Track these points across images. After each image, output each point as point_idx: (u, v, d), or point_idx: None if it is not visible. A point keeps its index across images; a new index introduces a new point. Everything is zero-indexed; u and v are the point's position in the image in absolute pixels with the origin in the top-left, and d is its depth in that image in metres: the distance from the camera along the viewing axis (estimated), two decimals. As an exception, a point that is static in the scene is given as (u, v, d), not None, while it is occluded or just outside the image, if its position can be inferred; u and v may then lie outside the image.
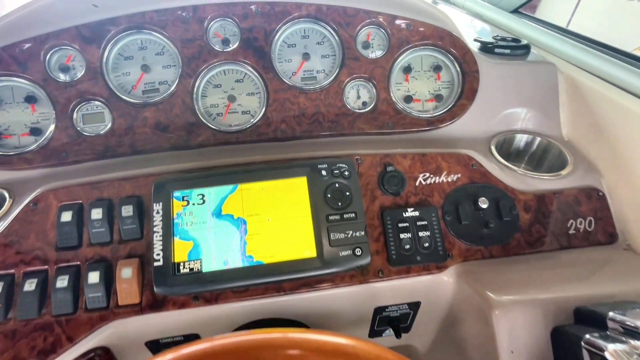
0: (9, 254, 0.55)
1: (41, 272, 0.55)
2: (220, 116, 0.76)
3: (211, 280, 0.52)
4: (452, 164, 0.64)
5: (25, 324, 0.53)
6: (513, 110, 0.77)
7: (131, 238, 0.57)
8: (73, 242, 0.56)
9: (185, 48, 0.74)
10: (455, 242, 0.60)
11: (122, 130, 0.72)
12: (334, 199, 0.56)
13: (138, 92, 0.74)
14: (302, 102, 0.76)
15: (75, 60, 0.72)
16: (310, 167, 0.57)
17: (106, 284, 0.54)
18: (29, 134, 0.71)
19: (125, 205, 0.57)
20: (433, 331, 0.70)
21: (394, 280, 0.58)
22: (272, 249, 0.54)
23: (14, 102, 0.71)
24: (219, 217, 0.55)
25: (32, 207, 0.57)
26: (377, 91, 0.77)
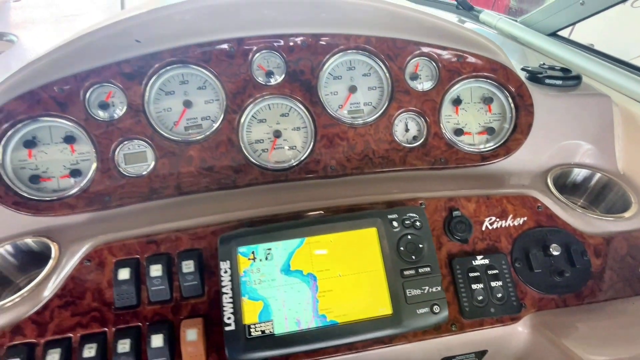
0: (64, 317, 0.52)
1: (100, 334, 0.51)
2: (265, 152, 0.74)
3: (285, 344, 0.49)
4: (518, 207, 0.62)
5: (84, 394, 0.49)
6: (567, 143, 0.75)
7: (192, 295, 0.54)
8: (132, 302, 0.53)
9: (229, 82, 0.71)
10: (527, 291, 0.58)
11: (166, 170, 0.69)
12: (407, 252, 0.53)
13: (180, 128, 0.71)
14: (351, 137, 0.74)
15: (115, 97, 0.69)
16: (380, 217, 0.55)
17: (170, 347, 0.51)
18: (68, 176, 0.67)
19: (185, 261, 0.54)
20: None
21: (467, 332, 0.56)
22: (346, 306, 0.51)
23: (52, 143, 0.67)
24: (288, 273, 0.52)
25: (86, 264, 0.54)
26: (427, 125, 0.74)
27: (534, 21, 1.00)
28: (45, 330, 0.51)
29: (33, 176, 0.66)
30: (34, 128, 0.66)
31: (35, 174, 0.66)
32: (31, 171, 0.66)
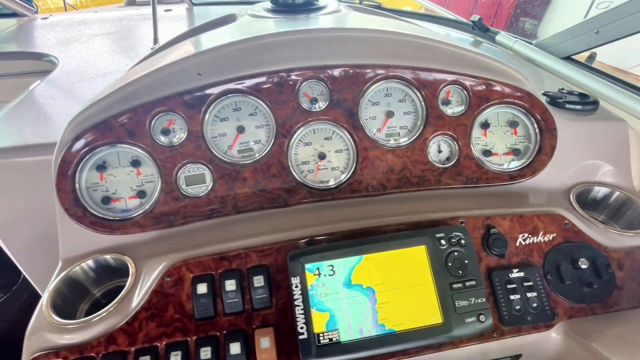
0: (151, 327, 0.58)
1: (183, 343, 0.58)
2: (311, 173, 0.80)
3: (350, 350, 0.56)
4: (547, 224, 0.69)
5: (171, 399, 0.56)
6: (587, 163, 0.82)
7: (262, 307, 0.60)
8: (210, 313, 0.59)
9: (278, 109, 0.78)
10: (559, 301, 0.65)
11: (223, 191, 0.75)
12: (454, 267, 0.60)
13: (234, 152, 0.78)
14: (390, 158, 0.80)
15: (175, 124, 0.75)
16: (429, 236, 0.61)
17: (246, 354, 0.57)
18: (135, 197, 0.74)
19: (256, 276, 0.60)
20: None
21: (507, 338, 0.62)
22: (401, 316, 0.58)
23: (120, 167, 0.74)
24: (350, 287, 0.59)
25: (166, 280, 0.61)
26: (459, 147, 0.81)
27: (548, 45, 1.07)
28: (135, 339, 0.57)
29: (105, 197, 0.72)
30: (105, 154, 0.72)
31: (107, 195, 0.73)
32: (102, 193, 0.73)
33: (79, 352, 0.56)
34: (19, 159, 0.81)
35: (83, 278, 0.68)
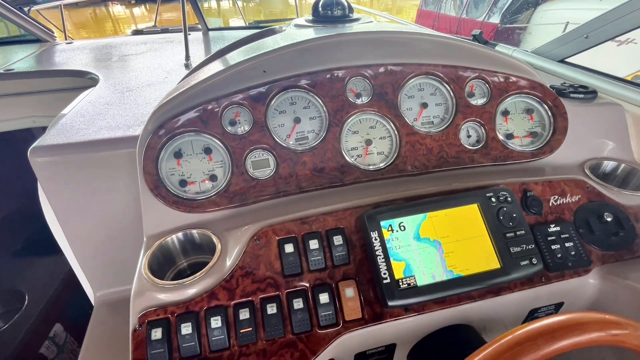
0: (246, 284, 0.65)
1: (276, 297, 0.65)
2: (360, 157, 0.91)
3: (426, 292, 0.64)
4: (573, 188, 0.81)
5: (272, 343, 0.62)
6: (594, 142, 0.97)
7: (342, 263, 0.69)
8: (297, 270, 0.67)
9: (330, 102, 0.89)
10: (591, 250, 0.76)
11: (286, 173, 0.85)
12: (505, 220, 0.71)
13: (292, 140, 0.88)
14: (428, 142, 0.92)
15: (241, 116, 0.86)
16: (480, 195, 0.72)
17: (334, 303, 0.65)
18: (208, 180, 0.82)
19: (335, 236, 0.69)
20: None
21: (553, 283, 0.72)
22: (466, 263, 0.67)
23: (194, 154, 0.83)
24: (419, 240, 0.68)
25: (256, 242, 0.68)
26: (486, 131, 0.94)
27: (544, 51, 1.25)
28: (234, 294, 0.64)
29: (182, 180, 0.80)
30: (181, 142, 0.81)
31: (183, 179, 0.81)
32: (179, 177, 0.81)
33: (185, 307, 0.62)
34: (91, 153, 0.89)
35: (172, 249, 0.74)
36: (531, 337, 0.44)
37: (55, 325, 2.39)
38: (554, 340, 0.43)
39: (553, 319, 0.45)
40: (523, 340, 0.44)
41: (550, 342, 0.43)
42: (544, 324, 0.45)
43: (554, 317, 0.45)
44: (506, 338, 0.45)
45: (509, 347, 0.44)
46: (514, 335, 0.45)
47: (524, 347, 0.43)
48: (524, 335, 0.44)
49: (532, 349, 0.43)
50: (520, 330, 0.44)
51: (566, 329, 0.44)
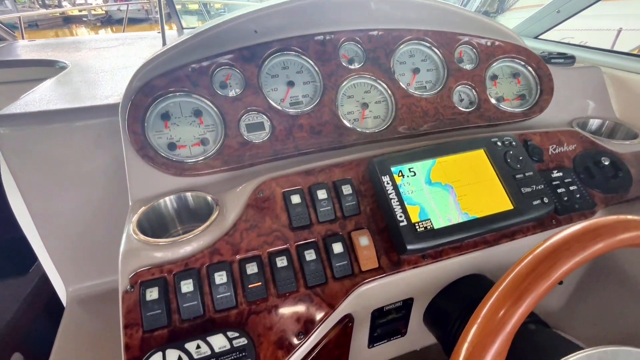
0: (252, 237, 0.59)
1: (285, 250, 0.59)
2: (357, 121, 0.89)
3: (444, 234, 0.61)
4: (568, 137, 0.83)
5: (284, 298, 0.56)
6: (578, 102, 1.00)
7: (353, 214, 0.64)
8: (306, 221, 0.62)
9: (323, 66, 0.87)
10: (594, 194, 0.76)
11: (283, 136, 0.81)
12: (513, 162, 0.70)
13: (286, 104, 0.85)
14: (423, 105, 0.92)
15: (231, 79, 0.81)
16: (486, 142, 0.71)
17: (347, 254, 0.60)
18: (199, 144, 0.76)
19: (344, 185, 0.65)
20: (572, 282, 0.82)
21: (563, 226, 0.71)
22: (480, 206, 0.65)
23: (182, 117, 0.77)
24: (431, 184, 0.65)
25: (259, 195, 0.63)
26: (477, 94, 0.96)
27: (520, 29, 1.31)
28: (238, 249, 0.58)
29: (170, 144, 0.74)
30: (168, 104, 0.76)
31: (172, 142, 0.74)
32: (168, 140, 0.75)
33: (183, 265, 0.55)
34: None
35: (165, 213, 0.67)
36: (566, 242, 0.42)
37: (13, 355, 2.14)
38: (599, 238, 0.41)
39: (590, 221, 0.43)
40: (558, 247, 0.42)
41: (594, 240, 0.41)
42: (584, 224, 0.43)
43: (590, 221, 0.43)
44: (541, 247, 0.42)
45: (545, 255, 0.41)
46: (545, 245, 0.42)
47: (559, 253, 0.41)
48: (560, 241, 0.42)
49: (567, 254, 0.41)
50: (553, 239, 0.42)
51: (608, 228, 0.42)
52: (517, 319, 0.38)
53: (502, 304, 0.38)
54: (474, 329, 0.38)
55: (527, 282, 0.39)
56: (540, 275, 0.39)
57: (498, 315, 0.38)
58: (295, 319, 0.55)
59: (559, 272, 0.40)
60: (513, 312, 0.37)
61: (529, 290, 0.38)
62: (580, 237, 0.41)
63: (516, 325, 0.37)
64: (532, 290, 0.39)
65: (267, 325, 0.54)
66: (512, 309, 0.38)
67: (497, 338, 0.37)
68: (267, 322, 0.54)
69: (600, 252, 0.42)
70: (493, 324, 0.37)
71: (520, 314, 0.38)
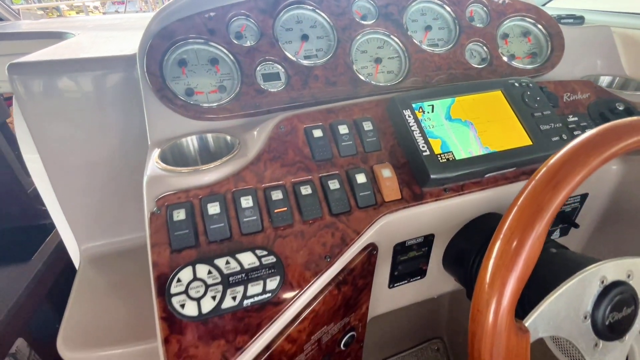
0: (275, 167, 0.59)
1: (308, 180, 0.59)
2: (371, 75, 0.89)
3: (466, 165, 0.62)
4: (582, 87, 0.83)
5: (310, 224, 0.56)
6: (588, 60, 1.01)
7: (374, 150, 0.65)
8: (328, 155, 0.62)
9: (337, 20, 0.88)
10: (609, 137, 0.77)
11: (299, 85, 0.81)
12: (530, 101, 0.70)
13: (301, 57, 0.85)
14: (436, 60, 0.92)
15: (246, 31, 0.82)
16: (503, 83, 0.72)
17: (371, 184, 0.60)
18: (217, 91, 0.76)
19: (365, 122, 0.65)
20: (589, 229, 0.83)
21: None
22: (500, 141, 0.66)
23: (199, 64, 0.77)
24: (451, 120, 0.66)
25: (281, 129, 0.63)
26: (489, 50, 0.96)
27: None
28: (263, 178, 0.58)
29: (188, 89, 0.74)
30: (185, 50, 0.76)
31: (190, 87, 0.74)
32: (185, 86, 0.75)
33: (209, 190, 0.55)
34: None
35: (187, 152, 0.67)
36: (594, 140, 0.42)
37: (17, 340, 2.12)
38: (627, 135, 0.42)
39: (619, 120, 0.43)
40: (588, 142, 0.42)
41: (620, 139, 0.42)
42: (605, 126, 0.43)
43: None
44: (571, 145, 0.43)
45: (578, 148, 0.42)
46: (573, 143, 0.43)
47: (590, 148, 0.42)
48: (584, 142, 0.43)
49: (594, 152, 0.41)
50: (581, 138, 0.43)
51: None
52: (556, 205, 0.38)
53: (541, 191, 0.38)
54: (514, 213, 0.38)
55: (563, 171, 0.39)
56: (575, 165, 0.39)
57: (538, 201, 0.38)
58: (322, 244, 0.55)
59: (594, 164, 0.40)
60: (552, 198, 0.38)
61: (565, 178, 0.39)
62: (618, 129, 0.42)
63: (555, 211, 0.38)
64: (568, 178, 0.39)
65: (294, 248, 0.54)
66: (551, 195, 0.38)
67: (537, 223, 0.37)
68: (294, 245, 0.54)
69: (629, 150, 0.42)
70: (533, 208, 0.37)
71: (559, 201, 0.38)
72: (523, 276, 0.37)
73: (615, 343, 0.49)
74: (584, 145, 0.41)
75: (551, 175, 0.39)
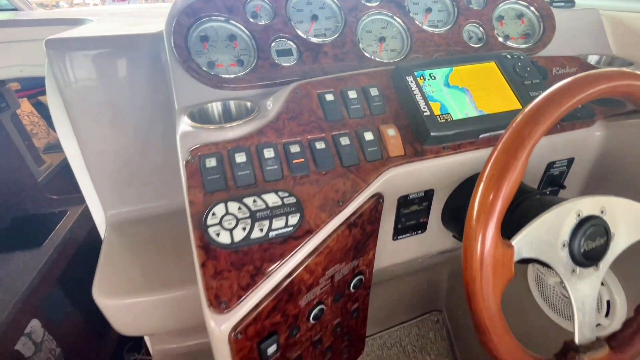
0: (293, 125, 0.67)
1: (322, 137, 0.67)
2: (375, 52, 0.96)
3: (461, 125, 0.69)
4: (570, 62, 0.91)
5: (324, 174, 0.64)
6: (578, 40, 1.08)
7: (380, 113, 0.72)
8: (339, 117, 0.70)
9: (344, 2, 0.95)
10: (593, 107, 0.84)
11: (310, 60, 0.88)
12: (522, 71, 0.78)
13: (311, 35, 0.92)
14: (436, 39, 1.00)
15: (261, 10, 0.89)
16: (496, 55, 0.79)
17: (377, 142, 0.68)
18: (235, 64, 0.84)
19: (371, 88, 0.73)
20: (575, 191, 0.90)
21: (566, 132, 0.79)
22: (492, 105, 0.73)
23: (219, 40, 0.84)
24: (449, 87, 0.73)
25: (297, 94, 0.70)
26: (486, 31, 1.03)
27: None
28: (282, 134, 0.66)
29: (209, 62, 0.82)
30: (206, 27, 0.83)
31: (211, 60, 0.82)
32: (207, 59, 0.82)
33: (236, 143, 0.63)
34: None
35: (212, 116, 0.74)
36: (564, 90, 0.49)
37: (31, 321, 2.20)
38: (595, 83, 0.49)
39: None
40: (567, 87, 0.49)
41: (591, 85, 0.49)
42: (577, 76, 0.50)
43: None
44: (552, 89, 0.50)
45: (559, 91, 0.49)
46: (554, 88, 0.50)
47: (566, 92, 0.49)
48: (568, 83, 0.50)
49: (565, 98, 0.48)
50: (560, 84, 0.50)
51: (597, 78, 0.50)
52: (536, 137, 0.45)
53: (523, 126, 0.46)
54: (501, 145, 0.45)
55: (542, 110, 0.47)
56: (552, 105, 0.47)
57: (521, 134, 0.45)
58: (335, 190, 0.63)
59: (569, 104, 0.47)
60: (532, 131, 0.45)
61: (543, 115, 0.46)
62: (591, 76, 0.49)
63: (535, 142, 0.45)
64: (546, 115, 0.46)
65: (310, 194, 0.61)
66: (531, 129, 0.45)
67: (519, 152, 0.45)
68: (311, 191, 0.62)
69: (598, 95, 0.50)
70: (517, 141, 0.45)
71: (538, 134, 0.46)
72: (508, 196, 0.45)
73: (590, 270, 0.56)
74: (561, 89, 0.49)
75: (532, 113, 0.47)
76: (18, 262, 2.33)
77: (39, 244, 2.47)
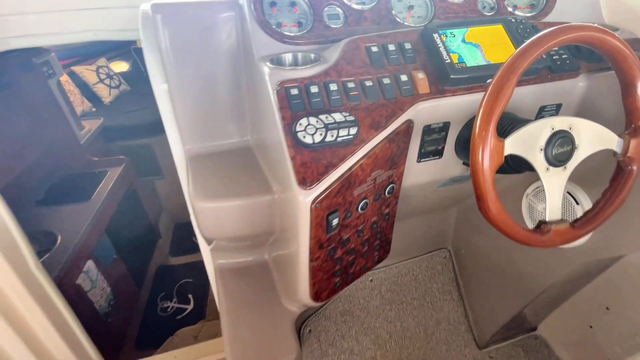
0: (348, 69, 0.91)
1: (369, 78, 0.91)
2: (405, 19, 1.19)
3: (473, 70, 0.93)
4: (564, 26, 1.12)
5: (371, 104, 0.88)
6: (575, 9, 1.29)
7: (411, 62, 0.96)
8: (381, 64, 0.94)
9: (379, -24, 1.16)
10: (580, 62, 1.06)
11: (353, 24, 1.11)
12: (523, 32, 1.00)
13: (354, 3, 1.14)
14: (455, 8, 1.21)
15: (314, -18, 1.11)
16: (503, 19, 1.01)
17: (410, 82, 0.92)
18: (296, 25, 1.07)
19: (406, 43, 0.96)
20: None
21: (555, 81, 1.02)
22: (499, 57, 0.96)
23: (283, 6, 1.07)
24: (465, 43, 0.96)
25: (350, 46, 0.94)
26: (497, 1, 1.24)
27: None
28: (341, 75, 0.90)
29: (277, 23, 1.05)
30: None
31: (278, 22, 1.05)
32: (275, 20, 1.05)
33: (309, 79, 0.87)
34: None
35: (284, 63, 0.98)
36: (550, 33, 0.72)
37: (87, 261, 2.54)
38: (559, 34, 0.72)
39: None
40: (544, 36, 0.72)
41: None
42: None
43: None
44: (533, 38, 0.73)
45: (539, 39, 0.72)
46: (534, 37, 0.72)
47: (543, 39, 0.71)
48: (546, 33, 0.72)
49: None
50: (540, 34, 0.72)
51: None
52: (523, 67, 0.69)
53: (514, 60, 0.69)
54: (497, 74, 0.69)
55: (528, 49, 0.70)
56: (536, 45, 0.70)
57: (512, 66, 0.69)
58: (379, 114, 0.87)
59: (546, 46, 0.71)
60: (521, 63, 0.69)
61: (528, 50, 0.70)
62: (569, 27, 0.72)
63: (522, 70, 0.69)
64: (530, 51, 0.70)
65: (363, 116, 0.86)
66: (520, 61, 0.69)
67: (510, 76, 0.69)
68: (363, 114, 0.87)
69: (569, 41, 0.73)
70: (509, 70, 0.69)
71: (525, 64, 0.69)
72: (502, 105, 0.69)
73: (559, 170, 0.81)
74: (544, 35, 0.72)
75: (521, 52, 0.70)
76: (71, 212, 2.66)
77: (86, 198, 2.79)
